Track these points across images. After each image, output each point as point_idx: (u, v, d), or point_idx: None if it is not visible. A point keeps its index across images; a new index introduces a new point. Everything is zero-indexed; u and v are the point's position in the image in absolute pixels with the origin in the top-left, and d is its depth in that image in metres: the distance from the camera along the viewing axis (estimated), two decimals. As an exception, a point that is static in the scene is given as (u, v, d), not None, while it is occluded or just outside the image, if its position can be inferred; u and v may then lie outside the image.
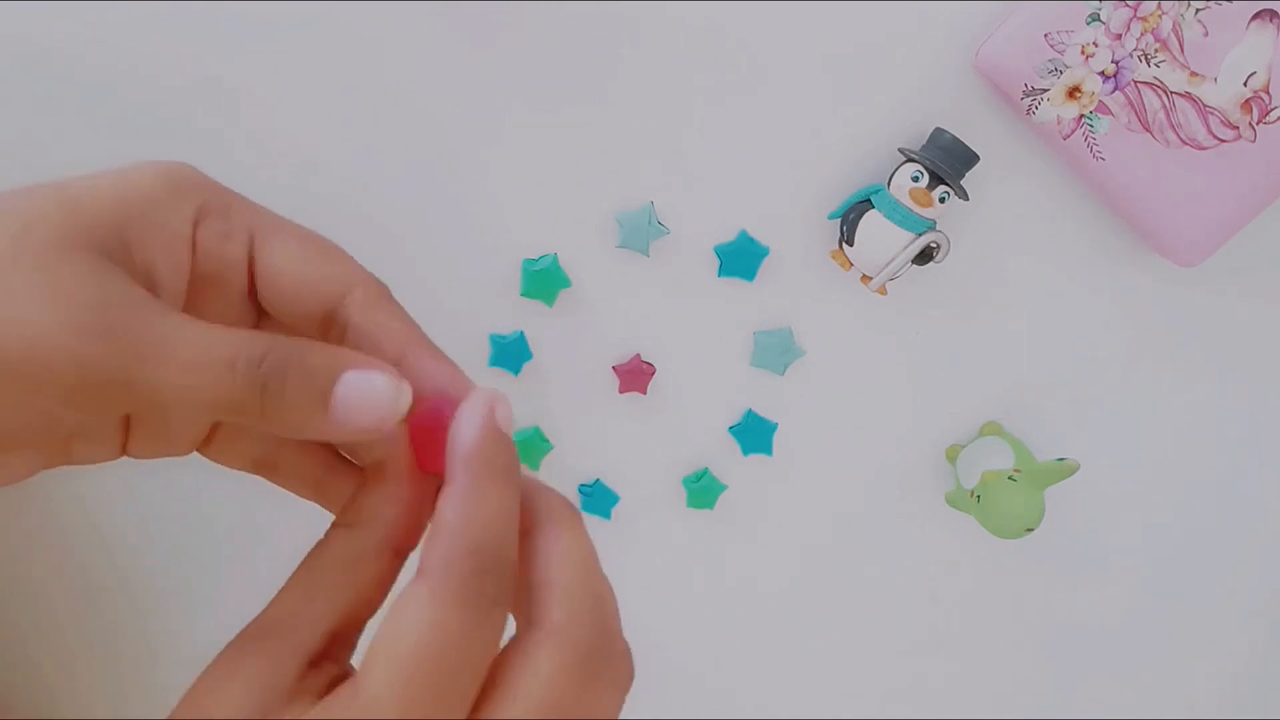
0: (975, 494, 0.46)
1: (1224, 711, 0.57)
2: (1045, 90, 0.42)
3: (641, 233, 0.46)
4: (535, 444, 0.50)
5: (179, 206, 0.25)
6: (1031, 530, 0.45)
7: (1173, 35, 0.41)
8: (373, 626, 0.24)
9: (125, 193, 0.24)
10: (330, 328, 0.27)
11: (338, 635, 0.24)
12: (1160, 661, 0.56)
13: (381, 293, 0.27)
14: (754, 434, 0.50)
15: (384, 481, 0.25)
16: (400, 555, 0.26)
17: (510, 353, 0.48)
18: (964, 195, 0.44)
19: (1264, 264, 0.47)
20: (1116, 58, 0.41)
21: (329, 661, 0.24)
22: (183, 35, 0.43)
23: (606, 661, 0.25)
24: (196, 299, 0.26)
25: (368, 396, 0.24)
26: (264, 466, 0.29)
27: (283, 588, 0.25)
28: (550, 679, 0.23)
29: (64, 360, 0.22)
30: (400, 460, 0.25)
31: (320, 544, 0.25)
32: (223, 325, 0.24)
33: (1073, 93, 0.42)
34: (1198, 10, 0.40)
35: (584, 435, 0.51)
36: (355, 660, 0.25)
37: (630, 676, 0.27)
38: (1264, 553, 0.54)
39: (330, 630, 0.24)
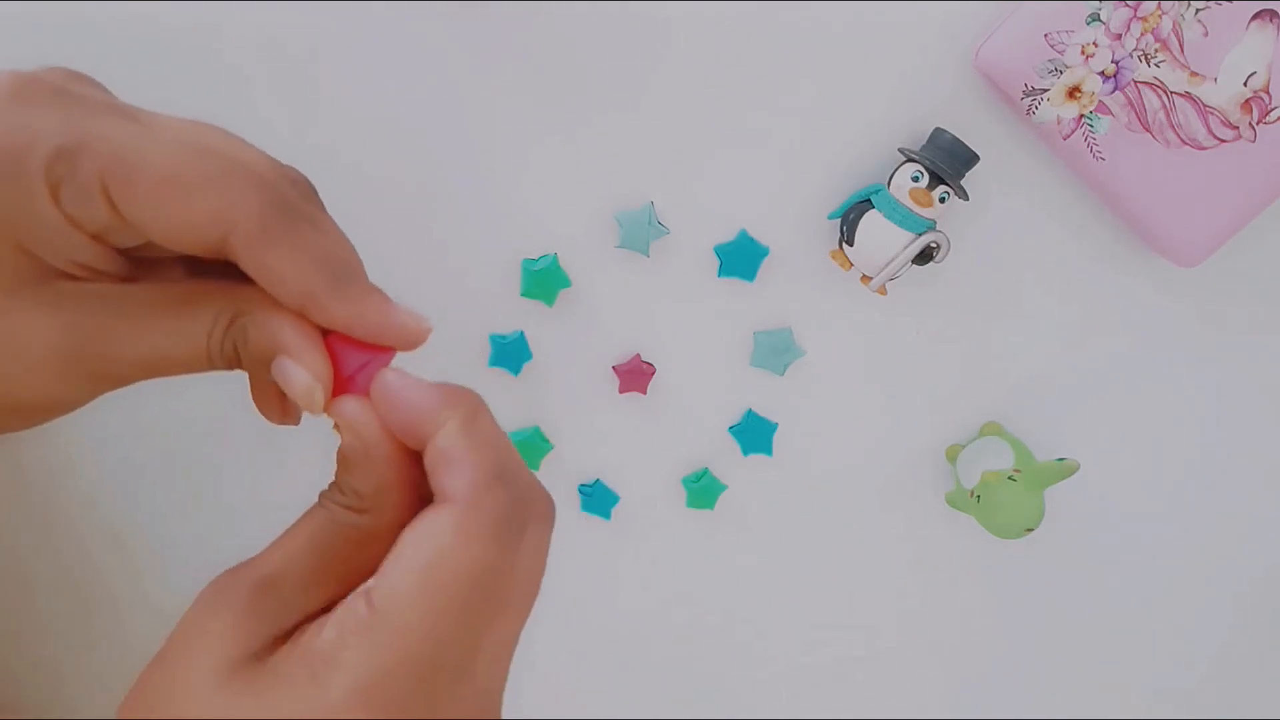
0: (975, 494, 0.46)
1: (1225, 710, 0.57)
2: (1045, 90, 0.42)
3: (641, 233, 0.46)
4: (535, 444, 0.50)
5: (34, 197, 0.22)
6: (1031, 530, 0.45)
7: (1173, 35, 0.41)
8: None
9: None
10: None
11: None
12: (1161, 661, 0.56)
13: (262, 229, 0.24)
14: (754, 434, 0.50)
15: (367, 466, 0.25)
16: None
17: (510, 353, 0.48)
18: (964, 195, 0.44)
19: (1264, 264, 0.47)
20: (1116, 58, 0.41)
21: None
22: (178, 36, 0.44)
23: (517, 520, 0.24)
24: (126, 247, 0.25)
25: (292, 386, 0.25)
26: None
27: (288, 541, 0.25)
28: (452, 546, 0.22)
29: (60, 403, 0.24)
30: (379, 444, 0.25)
31: (329, 517, 0.25)
32: (182, 298, 0.24)
33: (1073, 93, 0.42)
34: (1198, 10, 0.40)
35: (584, 435, 0.51)
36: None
37: (550, 513, 0.26)
38: (1265, 553, 0.54)
39: (336, 599, 0.25)
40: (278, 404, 0.28)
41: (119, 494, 0.52)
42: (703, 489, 0.51)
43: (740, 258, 0.47)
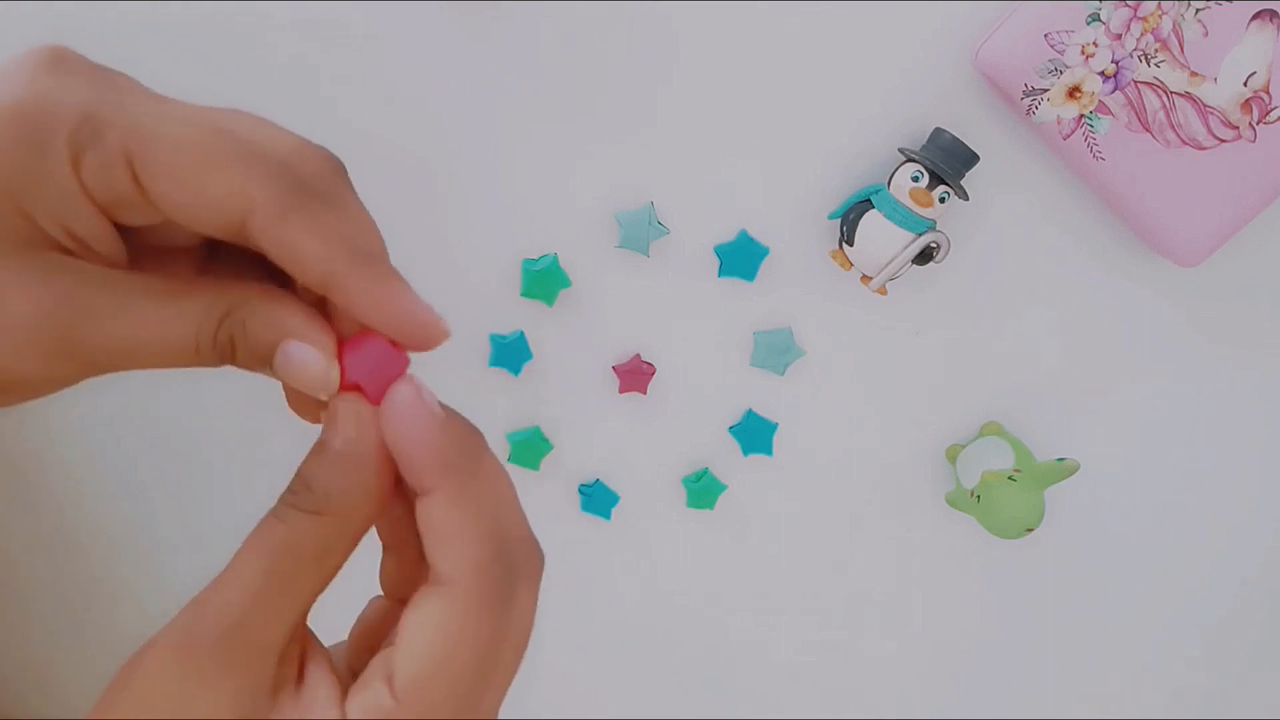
0: (975, 494, 0.46)
1: (1224, 710, 0.57)
2: (1045, 90, 0.42)
3: (641, 233, 0.46)
4: (535, 444, 0.50)
5: (52, 159, 0.22)
6: (1031, 530, 0.45)
7: (1173, 35, 0.41)
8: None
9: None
10: (249, 239, 0.24)
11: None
12: (1160, 661, 0.56)
13: (286, 205, 0.23)
14: (754, 434, 0.50)
15: (351, 465, 0.24)
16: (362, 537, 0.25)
17: (510, 353, 0.48)
18: (964, 195, 0.44)
19: (1264, 264, 0.47)
20: (1116, 58, 0.41)
21: (293, 643, 0.24)
22: (177, 43, 0.44)
23: (510, 588, 0.24)
24: (128, 227, 0.24)
25: (302, 369, 0.24)
26: None
27: (241, 573, 0.23)
28: (461, 630, 0.23)
29: (39, 381, 0.23)
30: (373, 446, 0.24)
31: (286, 533, 0.23)
32: (172, 290, 0.24)
33: (1073, 93, 0.42)
34: (1198, 10, 0.40)
35: (584, 435, 0.51)
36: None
37: (538, 568, 0.25)
38: (1265, 552, 0.54)
39: (299, 622, 0.24)
40: (314, 401, 0.26)
41: (110, 488, 0.52)
42: (703, 489, 0.51)
43: (740, 258, 0.47)
